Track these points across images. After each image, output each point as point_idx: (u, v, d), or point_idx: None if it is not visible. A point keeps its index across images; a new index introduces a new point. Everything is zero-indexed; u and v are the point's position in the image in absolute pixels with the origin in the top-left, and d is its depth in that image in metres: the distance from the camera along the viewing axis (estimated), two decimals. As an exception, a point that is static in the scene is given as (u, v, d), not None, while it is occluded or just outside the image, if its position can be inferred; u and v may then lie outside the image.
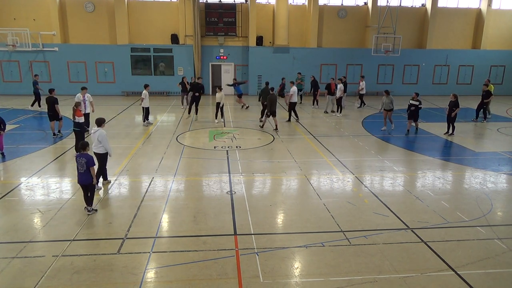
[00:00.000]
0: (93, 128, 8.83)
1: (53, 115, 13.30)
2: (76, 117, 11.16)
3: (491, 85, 18.62)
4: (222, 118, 16.97)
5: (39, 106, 18.97)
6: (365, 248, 6.43)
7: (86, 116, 13.33)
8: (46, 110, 13.51)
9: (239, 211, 7.80)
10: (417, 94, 14.73)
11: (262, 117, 16.39)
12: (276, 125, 15.21)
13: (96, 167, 8.18)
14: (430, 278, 5.63)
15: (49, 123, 13.52)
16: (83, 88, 13.98)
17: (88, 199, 7.57)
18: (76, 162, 7.40)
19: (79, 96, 13.23)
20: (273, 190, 9.22)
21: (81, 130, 11.30)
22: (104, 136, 8.62)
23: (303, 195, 8.81)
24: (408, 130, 14.85)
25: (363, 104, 21.22)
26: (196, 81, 18.02)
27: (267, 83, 17.08)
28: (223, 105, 16.51)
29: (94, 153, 8.74)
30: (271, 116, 15.05)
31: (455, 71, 27.13)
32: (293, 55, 25.47)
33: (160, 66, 25.19)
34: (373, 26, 25.65)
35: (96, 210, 7.72)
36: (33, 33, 23.01)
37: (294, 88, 16.34)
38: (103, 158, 8.85)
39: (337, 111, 18.88)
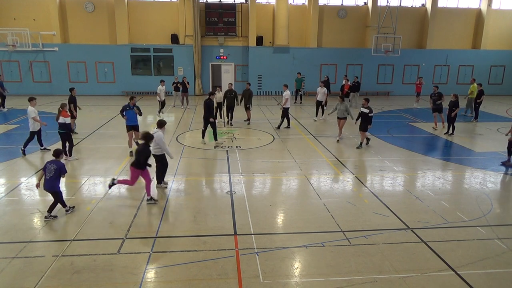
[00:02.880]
0: (153, 129, 8.88)
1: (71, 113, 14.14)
2: (61, 117, 10.67)
3: (475, 85, 18.59)
4: (221, 118, 16.82)
5: (3, 107, 18.78)
6: (365, 248, 6.43)
7: (38, 133, 11.62)
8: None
9: (239, 211, 7.80)
10: (367, 100, 12.54)
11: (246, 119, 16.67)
12: (249, 118, 16.44)
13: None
14: (430, 278, 5.63)
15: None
16: (32, 99, 11.49)
17: (53, 206, 7.34)
18: (45, 167, 7.17)
19: (34, 109, 11.33)
20: (273, 190, 9.21)
21: (66, 132, 10.82)
22: (161, 138, 8.57)
23: (303, 195, 8.81)
24: (361, 143, 12.78)
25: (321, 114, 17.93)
26: (210, 96, 12.98)
27: (249, 84, 16.54)
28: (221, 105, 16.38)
29: (153, 155, 8.67)
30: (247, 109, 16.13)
31: (455, 71, 27.13)
32: (293, 55, 25.47)
33: (160, 64, 25.26)
34: (373, 26, 25.64)
35: (56, 217, 7.38)
36: (33, 33, 22.99)
37: (288, 92, 15.11)
38: (160, 159, 8.78)
39: (316, 115, 17.32)
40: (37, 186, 7.51)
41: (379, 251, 6.32)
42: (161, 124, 8.82)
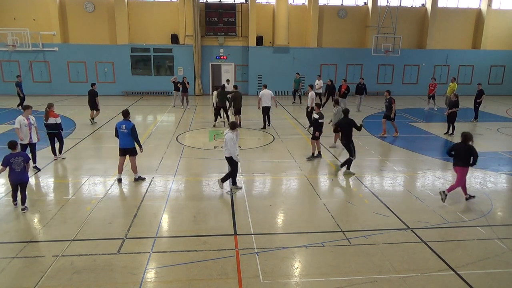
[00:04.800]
0: (225, 131, 8.80)
1: (93, 105, 15.84)
2: (50, 118, 10.62)
3: (455, 84, 19.25)
4: (221, 118, 16.49)
5: (18, 106, 18.73)
6: (365, 248, 6.43)
7: (32, 146, 9.90)
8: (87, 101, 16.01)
9: (239, 211, 7.80)
10: (318, 106, 11.50)
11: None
12: (240, 123, 15.57)
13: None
14: (430, 278, 5.63)
15: (89, 111, 16.12)
16: (27, 108, 9.80)
17: (23, 197, 7.57)
18: (11, 162, 7.28)
19: (21, 120, 9.54)
20: (273, 190, 9.21)
21: (58, 132, 10.79)
22: (230, 139, 8.46)
23: (303, 195, 8.81)
24: (313, 154, 11.51)
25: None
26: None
27: (235, 87, 16.26)
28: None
29: (225, 157, 8.68)
30: (236, 114, 15.48)
31: (455, 71, 27.12)
32: (293, 55, 25.47)
33: (160, 64, 25.28)
34: (373, 26, 25.65)
35: (27, 208, 7.62)
36: (33, 33, 23.01)
37: (264, 91, 15.31)
38: (232, 161, 8.67)
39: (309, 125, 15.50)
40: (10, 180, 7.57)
41: (379, 251, 6.32)
42: (233, 125, 8.66)
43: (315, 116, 11.29)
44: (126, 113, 9.36)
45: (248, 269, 5.78)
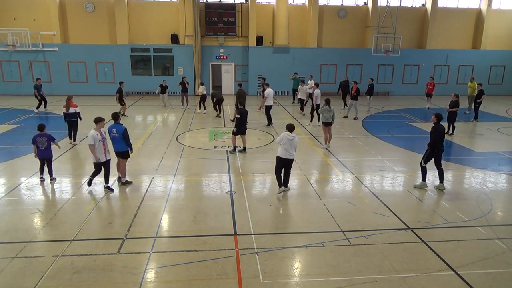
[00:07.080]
0: (288, 134, 8.40)
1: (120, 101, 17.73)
2: (70, 108, 12.34)
3: (475, 83, 18.98)
4: (205, 110, 18.59)
5: (45, 107, 18.83)
6: (365, 248, 6.43)
7: (106, 163, 8.63)
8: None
9: (239, 211, 7.80)
10: (241, 104, 11.56)
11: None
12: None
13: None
14: (430, 278, 5.63)
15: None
16: (100, 120, 8.62)
17: (50, 170, 9.18)
18: (36, 141, 8.84)
19: (95, 135, 8.36)
20: (273, 190, 9.19)
21: (76, 120, 12.61)
22: (297, 142, 8.39)
23: (303, 195, 8.81)
24: (234, 148, 11.85)
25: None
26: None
27: (240, 85, 16.94)
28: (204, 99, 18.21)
29: (286, 159, 8.35)
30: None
31: (455, 71, 27.11)
32: (293, 55, 25.46)
33: (160, 64, 25.33)
34: (373, 26, 25.64)
35: (55, 179, 9.26)
36: (33, 33, 22.97)
37: (269, 91, 15.69)
38: (289, 164, 8.51)
39: (311, 120, 16.44)
40: (36, 156, 9.08)
41: (379, 251, 6.32)
42: (292, 127, 8.40)
43: (236, 115, 11.64)
44: (116, 116, 9.13)
45: (248, 269, 5.78)
